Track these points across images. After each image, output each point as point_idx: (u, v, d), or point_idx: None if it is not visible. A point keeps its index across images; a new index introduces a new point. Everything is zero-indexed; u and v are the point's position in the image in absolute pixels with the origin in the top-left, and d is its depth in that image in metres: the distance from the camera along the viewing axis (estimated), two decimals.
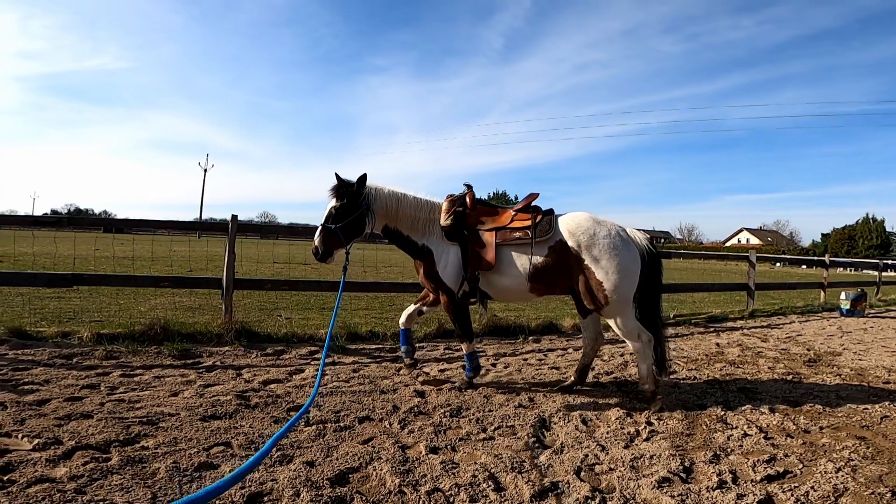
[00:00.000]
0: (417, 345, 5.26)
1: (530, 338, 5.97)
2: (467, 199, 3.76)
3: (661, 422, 3.27)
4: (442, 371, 4.30)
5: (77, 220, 11.89)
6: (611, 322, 3.58)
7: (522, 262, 3.57)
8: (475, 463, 2.52)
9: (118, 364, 3.89)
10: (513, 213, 3.73)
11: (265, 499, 2.11)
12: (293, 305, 7.41)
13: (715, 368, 4.86)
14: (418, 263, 3.82)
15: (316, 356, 4.56)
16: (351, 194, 3.55)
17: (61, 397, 3.06)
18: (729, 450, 2.86)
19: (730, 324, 7.98)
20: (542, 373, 4.45)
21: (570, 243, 3.53)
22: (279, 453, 2.50)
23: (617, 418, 3.29)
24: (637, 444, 2.89)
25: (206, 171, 57.96)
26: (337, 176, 3.59)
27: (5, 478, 2.11)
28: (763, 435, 3.09)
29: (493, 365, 4.65)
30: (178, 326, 4.77)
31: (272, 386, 3.62)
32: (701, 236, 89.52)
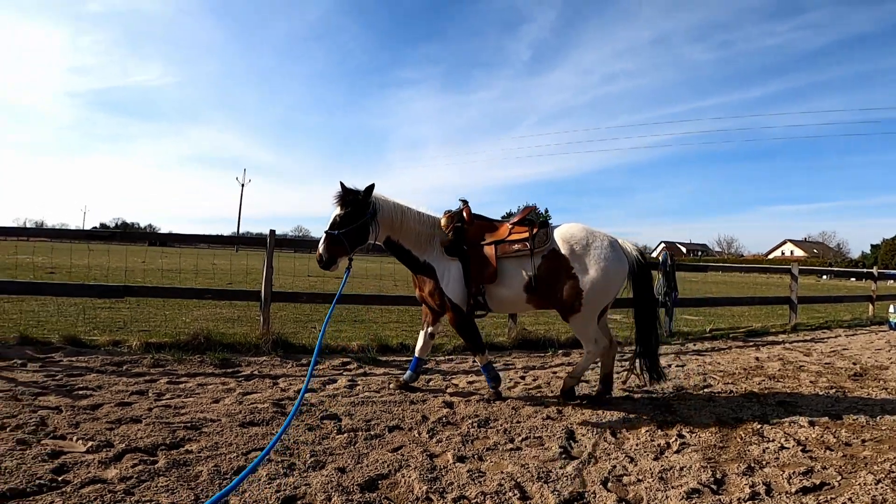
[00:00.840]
0: (446, 357, 5.34)
1: (560, 351, 5.94)
2: (464, 215, 3.81)
3: (693, 434, 3.23)
4: (470, 383, 4.34)
5: (128, 235, 12.55)
6: (573, 325, 3.75)
7: (521, 273, 3.66)
8: (501, 472, 2.56)
9: (164, 372, 4.11)
10: (510, 226, 3.81)
11: (298, 502, 2.20)
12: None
13: (753, 382, 4.72)
14: (420, 280, 3.86)
15: (349, 367, 4.69)
16: (356, 203, 3.58)
17: (112, 402, 3.26)
18: (764, 462, 2.80)
19: (771, 338, 7.70)
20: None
21: (563, 251, 3.66)
22: (312, 459, 2.60)
23: (647, 430, 3.26)
24: (667, 456, 2.87)
25: (243, 185, 59.91)
26: (342, 184, 3.63)
27: (60, 478, 2.25)
28: (801, 448, 3.01)
29: (522, 377, 4.65)
30: (220, 337, 5.00)
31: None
32: (741, 249, 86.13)
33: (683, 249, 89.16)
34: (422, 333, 4.13)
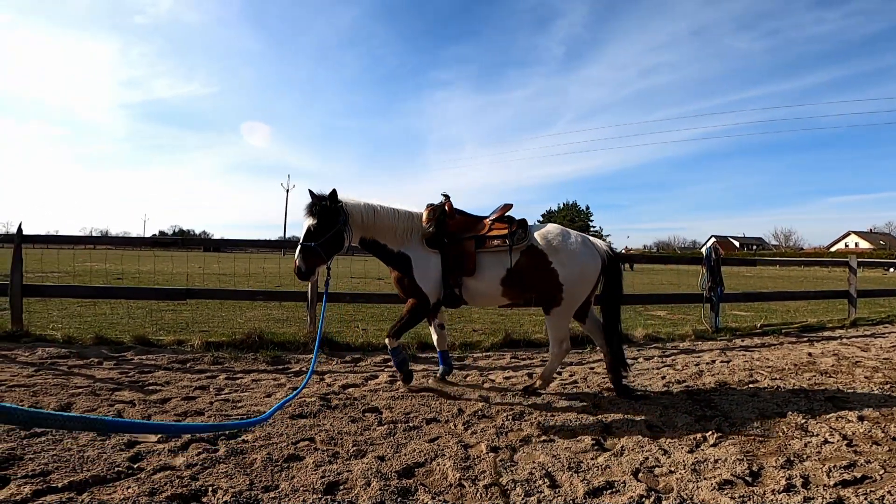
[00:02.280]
0: (483, 354, 5.46)
1: (598, 347, 5.92)
2: (446, 208, 3.91)
3: (733, 428, 3.21)
4: (507, 378, 4.44)
5: (186, 241, 13.35)
6: (552, 321, 3.86)
7: (499, 267, 3.77)
8: (533, 462, 2.66)
9: (223, 369, 4.45)
10: (490, 222, 3.90)
11: (341, 487, 2.37)
12: (368, 317, 7.88)
13: (803, 378, 4.57)
14: (391, 269, 3.96)
15: (389, 363, 4.89)
16: (327, 211, 3.61)
17: (179, 396, 3.58)
18: (805, 456, 2.77)
19: (827, 333, 7.33)
20: (608, 381, 4.43)
21: (541, 247, 3.80)
22: (355, 448, 2.79)
23: (684, 424, 3.27)
24: (702, 449, 2.88)
25: (287, 191, 61.79)
26: (311, 193, 3.66)
27: (135, 466, 2.48)
28: (846, 442, 2.94)
29: (559, 373, 4.70)
30: (271, 336, 5.33)
31: (350, 390, 3.96)
32: (800, 242, 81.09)
33: (736, 244, 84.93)
34: (431, 329, 4.31)
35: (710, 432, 3.12)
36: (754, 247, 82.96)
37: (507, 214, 3.94)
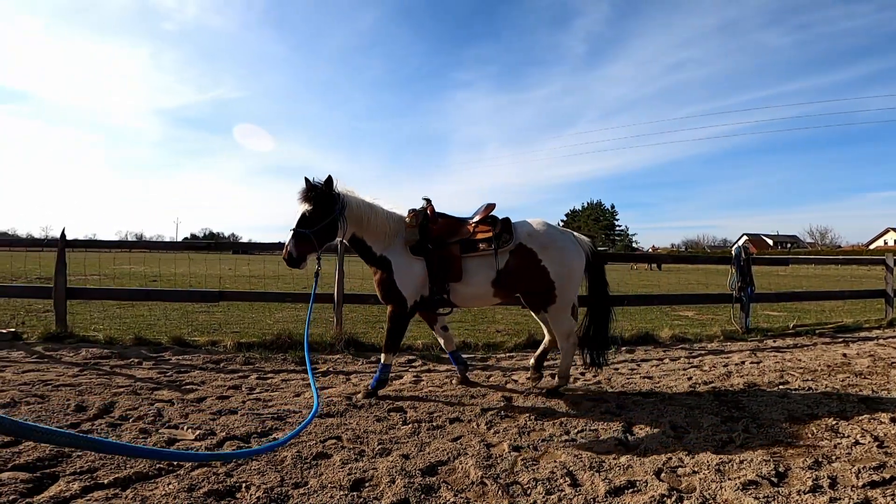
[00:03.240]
0: (507, 354, 5.49)
1: (623, 348, 5.90)
2: (428, 213, 3.87)
3: (761, 429, 3.18)
4: (529, 379, 4.46)
5: (218, 245, 13.74)
6: (552, 319, 3.90)
7: (487, 271, 3.77)
8: (555, 461, 2.70)
9: (254, 369, 4.61)
10: (473, 224, 3.86)
11: (366, 484, 2.44)
12: None
13: (836, 379, 4.46)
14: (374, 271, 3.88)
15: (414, 364, 4.98)
16: (323, 199, 3.55)
17: (213, 396, 3.73)
18: (833, 457, 2.73)
19: (863, 334, 7.09)
20: (633, 382, 4.43)
21: (530, 246, 3.80)
22: (380, 447, 2.87)
23: (710, 425, 3.25)
24: (728, 450, 2.86)
25: None
26: (307, 180, 3.58)
27: (175, 463, 2.55)
28: (877, 444, 2.89)
29: (582, 374, 4.71)
30: (299, 337, 5.49)
31: (378, 392, 4.05)
32: (837, 239, 77.97)
33: (770, 242, 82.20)
34: (435, 333, 4.29)
35: (736, 433, 3.10)
36: (788, 245, 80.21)
37: (490, 215, 3.89)
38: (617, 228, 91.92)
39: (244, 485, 2.37)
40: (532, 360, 4.31)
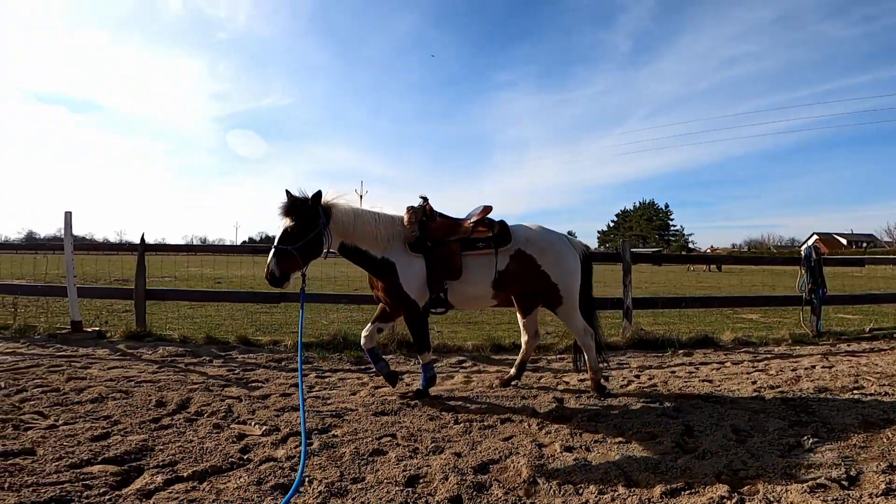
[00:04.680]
0: (557, 356, 5.45)
1: (680, 351, 5.71)
2: (426, 211, 3.81)
3: (831, 434, 3.03)
4: (581, 381, 4.42)
5: None
6: (564, 320, 3.98)
7: (486, 271, 3.76)
8: (608, 462, 2.68)
9: (312, 368, 4.83)
10: (471, 224, 3.80)
11: (420, 481, 2.52)
12: (442, 320, 8.09)
13: None
14: (377, 277, 3.77)
15: (464, 364, 5.06)
16: (305, 212, 3.38)
17: (277, 393, 3.95)
18: None
19: None
20: (692, 385, 4.29)
21: (527, 251, 3.82)
22: (433, 445, 2.94)
23: (776, 429, 3.13)
24: (795, 454, 2.76)
25: (361, 196, 64.19)
26: (288, 193, 3.44)
27: (245, 457, 2.72)
28: None
29: (637, 376, 4.62)
30: (353, 337, 5.68)
31: (429, 390, 4.15)
32: None
33: (843, 241, 76.20)
34: (369, 326, 4.02)
35: (805, 437, 2.98)
36: (864, 244, 73.77)
37: (488, 217, 3.85)
38: (672, 228, 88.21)
39: (307, 479, 2.49)
40: (513, 370, 4.32)
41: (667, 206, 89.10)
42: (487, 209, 3.88)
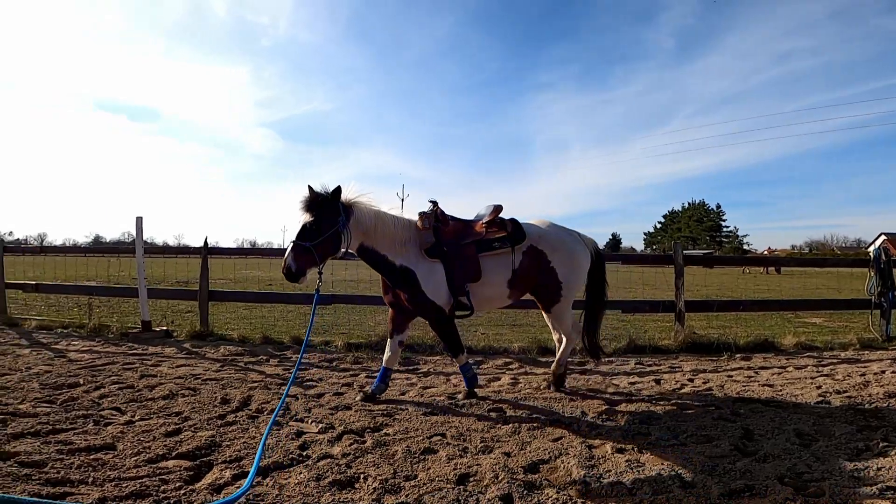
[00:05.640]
0: (607, 359, 5.37)
1: (738, 355, 5.49)
2: (438, 215, 3.76)
3: None
4: (632, 384, 4.35)
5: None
6: (555, 317, 3.94)
7: (503, 270, 3.74)
8: (662, 463, 2.64)
9: (362, 368, 4.97)
10: (484, 225, 3.73)
11: (471, 479, 2.55)
12: (487, 322, 8.14)
13: None
14: (396, 284, 3.69)
15: (510, 367, 5.07)
16: (326, 209, 3.35)
17: (330, 392, 4.10)
18: None
19: None
20: (751, 389, 4.14)
21: (540, 247, 3.82)
22: (482, 444, 2.98)
23: (843, 434, 2.99)
24: (863, 458, 2.65)
25: (402, 200, 64.86)
26: (310, 188, 3.40)
27: (304, 453, 2.81)
28: None
29: (690, 380, 4.49)
30: None
31: (475, 390, 4.19)
32: None
33: None
34: (390, 344, 3.96)
35: (874, 441, 2.84)
36: None
37: (499, 217, 3.82)
38: (724, 229, 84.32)
39: (362, 476, 2.55)
40: (550, 368, 4.31)
41: (718, 206, 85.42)
42: (498, 209, 3.84)
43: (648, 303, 6.69)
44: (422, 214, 3.71)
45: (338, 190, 3.39)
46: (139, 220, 6.39)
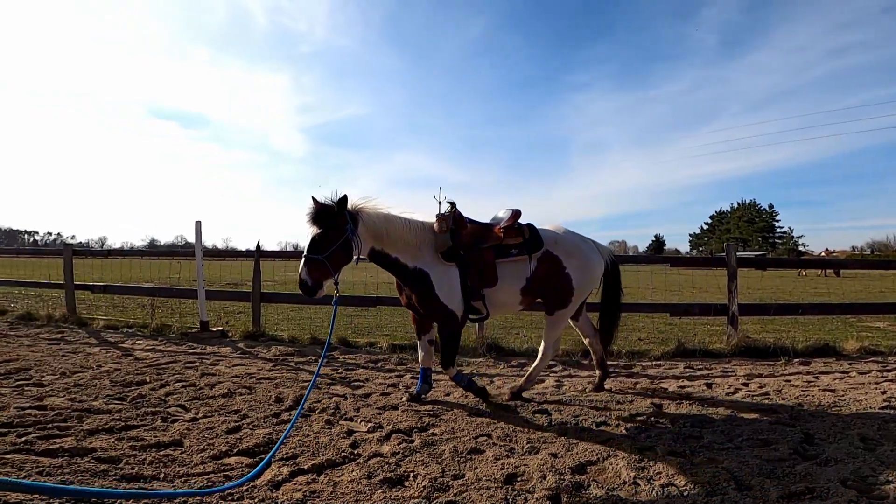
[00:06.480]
0: (653, 362, 5.26)
1: (796, 360, 5.26)
2: (456, 217, 3.70)
3: None
4: (682, 388, 4.24)
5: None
6: (553, 322, 3.87)
7: (519, 277, 3.71)
8: (717, 466, 2.58)
9: (407, 369, 5.06)
10: (502, 230, 3.65)
11: (518, 479, 2.57)
12: (528, 324, 8.09)
13: None
14: (409, 287, 3.64)
15: (554, 369, 5.04)
16: (333, 220, 3.33)
17: (377, 392, 4.19)
18: None
19: None
20: (811, 394, 3.96)
21: (556, 253, 3.77)
22: (529, 445, 2.99)
23: None
24: None
25: (440, 203, 65.22)
26: (314, 200, 3.37)
27: (355, 451, 2.87)
28: None
29: (745, 384, 4.34)
30: None
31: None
32: None
33: None
34: (421, 344, 4.00)
35: None
36: None
37: (517, 222, 3.76)
38: (778, 230, 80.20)
39: (411, 474, 2.59)
40: (598, 372, 4.28)
41: (771, 206, 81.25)
42: (517, 213, 3.78)
43: (699, 305, 6.49)
44: (439, 216, 3.67)
45: (344, 199, 3.35)
46: (198, 225, 6.70)
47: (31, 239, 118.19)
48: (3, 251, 29.69)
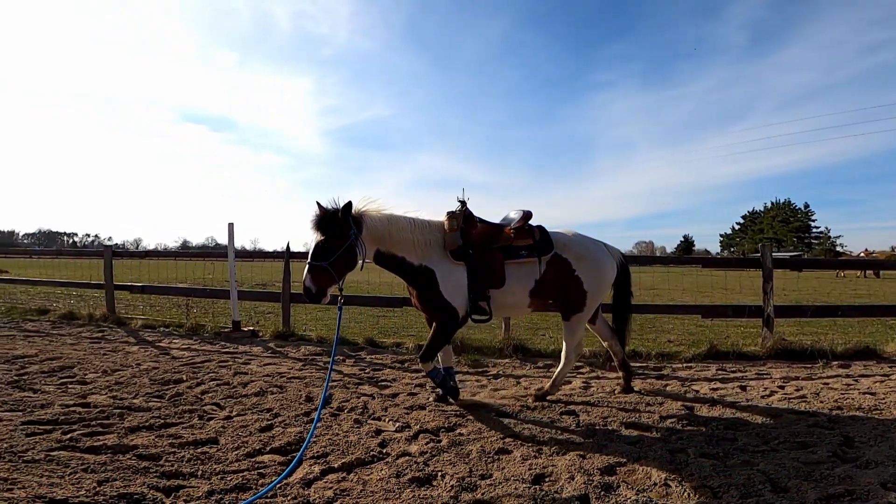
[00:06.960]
0: (684, 364, 5.16)
1: (834, 363, 5.09)
2: (466, 217, 3.67)
3: None
4: (714, 390, 4.15)
5: None
6: (571, 328, 3.84)
7: (527, 279, 3.67)
8: (752, 468, 2.53)
9: None
10: (512, 231, 3.59)
11: (546, 479, 2.57)
12: (552, 326, 8.02)
13: None
14: (414, 284, 3.64)
15: (581, 371, 5.00)
16: (336, 226, 3.31)
17: (404, 392, 4.23)
18: None
19: None
20: (850, 397, 3.83)
21: (566, 256, 3.73)
22: (556, 446, 2.98)
23: None
24: None
25: (463, 203, 65.08)
26: (318, 205, 3.36)
27: (384, 451, 2.91)
28: None
29: (781, 387, 4.22)
30: (470, 341, 5.89)
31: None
32: None
33: None
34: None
35: None
36: None
37: (528, 223, 3.72)
38: (814, 230, 77.27)
39: (439, 474, 2.62)
40: (622, 373, 4.25)
41: (807, 205, 78.20)
42: (528, 215, 3.76)
43: (732, 307, 6.32)
44: (450, 215, 3.66)
45: (348, 206, 3.35)
46: (231, 227, 6.86)
47: (70, 240, 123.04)
48: (45, 252, 31.01)
